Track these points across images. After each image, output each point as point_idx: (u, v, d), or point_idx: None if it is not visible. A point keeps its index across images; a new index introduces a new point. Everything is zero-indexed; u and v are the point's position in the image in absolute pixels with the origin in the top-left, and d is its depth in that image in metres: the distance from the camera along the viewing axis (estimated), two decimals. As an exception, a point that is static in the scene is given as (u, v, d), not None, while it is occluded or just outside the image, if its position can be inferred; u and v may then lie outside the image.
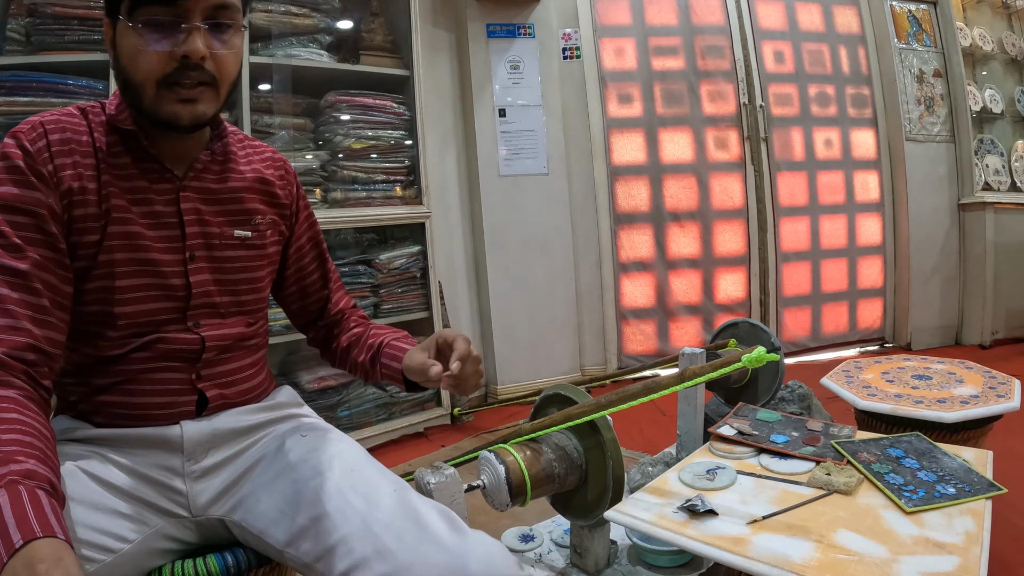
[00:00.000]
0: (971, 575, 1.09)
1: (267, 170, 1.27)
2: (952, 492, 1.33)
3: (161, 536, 1.05)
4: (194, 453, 1.10)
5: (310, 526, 1.02)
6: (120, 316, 1.07)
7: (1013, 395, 1.84)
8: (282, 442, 1.16)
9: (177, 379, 1.12)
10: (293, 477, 1.09)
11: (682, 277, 4.04)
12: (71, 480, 0.97)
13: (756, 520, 1.24)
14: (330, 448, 1.14)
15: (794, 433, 1.57)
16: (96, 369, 1.10)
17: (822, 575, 1.08)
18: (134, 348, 1.09)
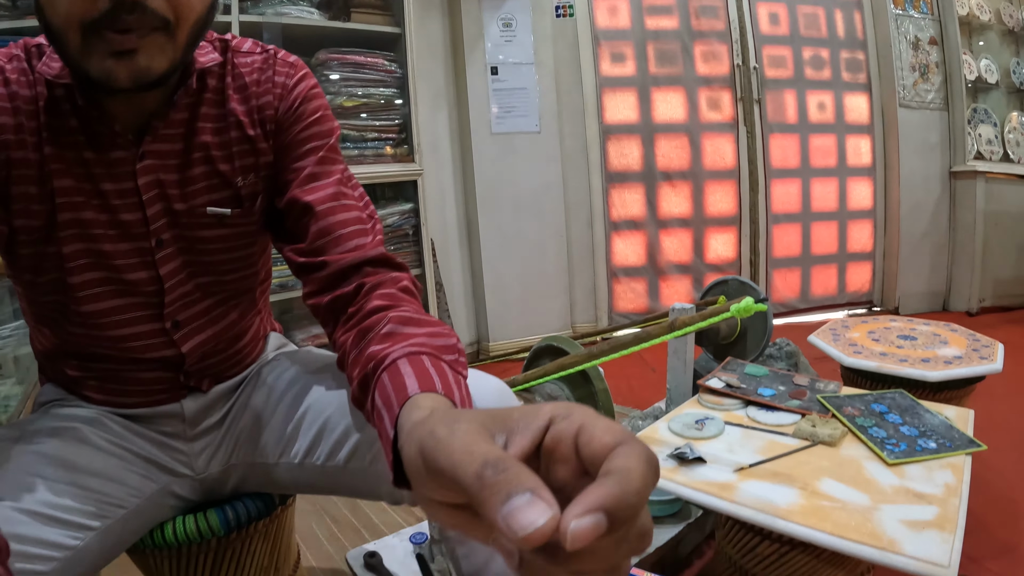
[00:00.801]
0: (950, 524, 1.12)
1: (257, 109, 0.97)
2: (933, 446, 1.36)
3: (166, 493, 1.03)
4: (195, 420, 1.06)
5: (295, 428, 1.02)
6: (81, 315, 0.91)
7: (996, 358, 1.88)
8: (266, 378, 1.10)
9: (162, 380, 1.02)
10: (279, 402, 1.06)
11: (673, 236, 4.05)
12: (80, 436, 0.93)
13: (743, 468, 1.27)
14: (309, 364, 1.10)
15: (781, 387, 1.61)
16: (70, 362, 0.99)
17: (806, 519, 1.12)
18: (105, 350, 0.96)
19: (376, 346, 0.79)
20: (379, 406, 0.70)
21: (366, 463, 0.96)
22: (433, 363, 0.73)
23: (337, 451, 0.98)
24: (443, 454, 0.42)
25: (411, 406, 0.64)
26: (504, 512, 0.35)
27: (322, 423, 1.00)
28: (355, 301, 0.89)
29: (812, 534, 1.10)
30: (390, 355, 0.75)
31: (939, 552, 1.06)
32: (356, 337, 0.84)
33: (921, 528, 1.11)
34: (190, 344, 0.99)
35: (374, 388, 0.74)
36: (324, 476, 1.01)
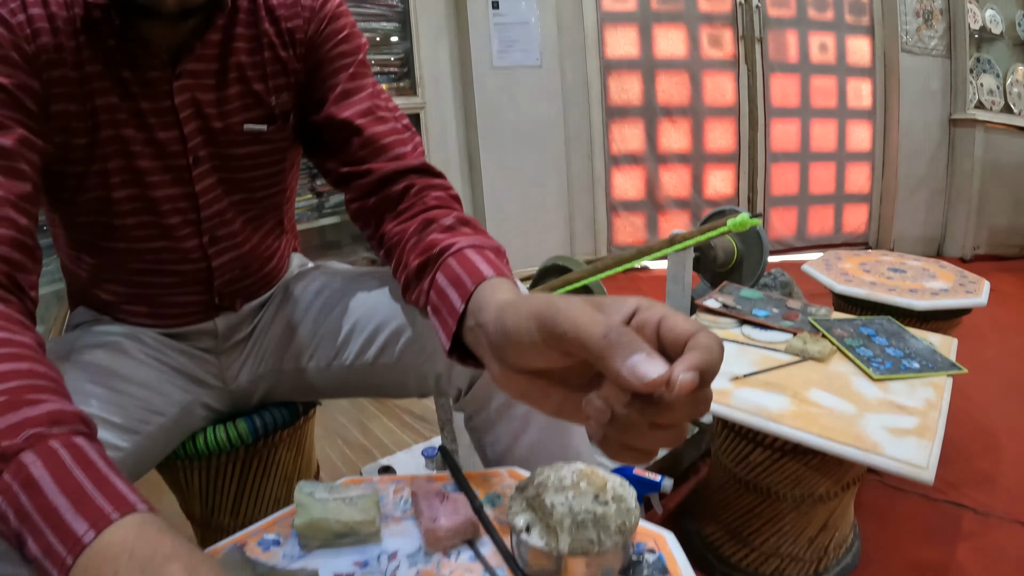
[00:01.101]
0: (930, 432, 1.20)
1: (288, 31, 0.97)
2: (916, 366, 1.43)
3: (199, 404, 1.06)
4: (226, 336, 1.09)
5: (323, 333, 1.07)
6: (121, 231, 0.93)
7: (982, 293, 1.94)
8: (292, 290, 1.13)
9: (197, 302, 1.04)
10: (306, 311, 1.09)
11: (672, 172, 4.08)
12: (120, 348, 0.96)
13: (738, 377, 1.34)
14: (334, 275, 1.13)
15: (774, 310, 1.67)
16: (106, 286, 1.00)
17: (796, 423, 1.19)
18: (143, 269, 0.98)
19: (439, 235, 0.82)
20: (442, 284, 0.74)
21: (395, 357, 1.01)
22: (499, 259, 0.77)
23: (366, 349, 1.03)
24: (566, 320, 0.48)
25: (493, 287, 0.68)
26: (629, 364, 0.44)
27: (351, 325, 1.04)
28: (406, 199, 0.91)
29: (802, 435, 1.17)
30: (456, 243, 0.78)
31: (919, 455, 1.13)
32: (418, 226, 0.86)
33: (902, 435, 1.18)
34: (222, 260, 1.01)
35: (436, 270, 0.77)
36: (352, 375, 1.06)
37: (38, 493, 0.51)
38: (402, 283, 0.87)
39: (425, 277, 0.80)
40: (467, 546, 0.79)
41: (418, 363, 1.00)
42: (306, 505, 0.79)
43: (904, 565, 1.60)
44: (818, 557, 1.50)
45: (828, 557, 1.51)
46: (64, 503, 0.50)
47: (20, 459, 0.52)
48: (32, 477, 0.51)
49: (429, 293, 0.78)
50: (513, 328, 0.55)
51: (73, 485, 0.51)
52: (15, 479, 0.52)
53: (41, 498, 0.50)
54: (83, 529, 0.49)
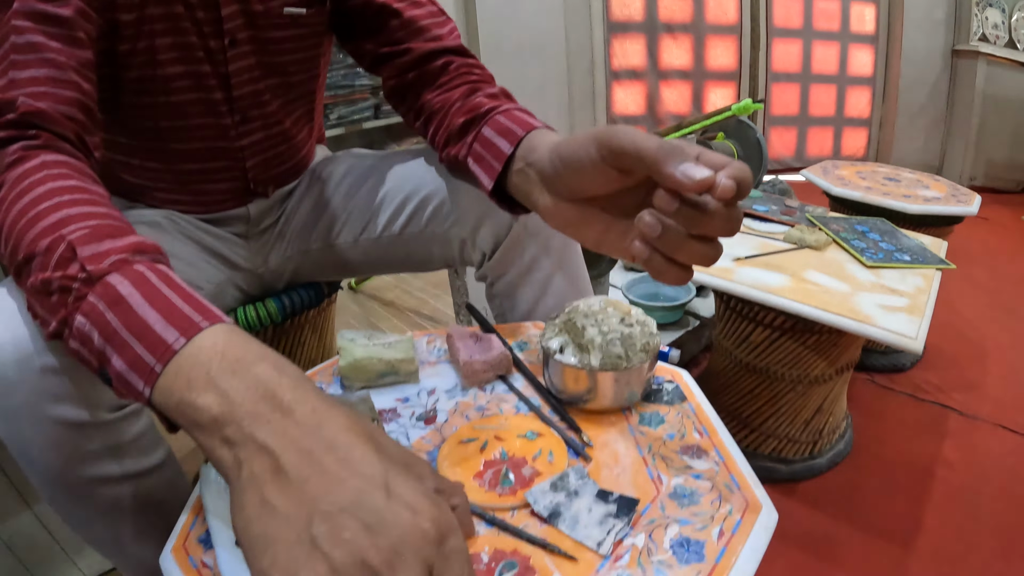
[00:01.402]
0: (919, 311, 1.27)
1: None
2: (907, 259, 1.49)
3: (230, 284, 1.10)
4: (257, 221, 1.13)
5: (350, 209, 1.11)
6: (161, 109, 0.93)
7: (973, 203, 1.99)
8: (320, 173, 1.17)
9: (231, 189, 1.06)
10: (334, 191, 1.13)
11: (673, 88, 4.08)
12: (159, 226, 0.99)
13: (740, 258, 1.41)
14: (361, 157, 1.17)
15: (773, 207, 1.73)
16: (137, 169, 1.00)
17: (795, 297, 1.26)
18: (178, 149, 0.98)
19: (486, 99, 0.87)
20: (488, 136, 0.80)
21: (422, 225, 1.05)
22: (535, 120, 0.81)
23: (394, 220, 1.07)
24: (625, 136, 0.56)
25: (543, 134, 0.74)
26: (681, 168, 0.50)
27: (379, 198, 1.08)
28: (446, 74, 0.95)
29: (800, 307, 1.24)
30: (502, 104, 0.84)
31: (909, 327, 1.20)
32: (464, 92, 0.90)
33: (894, 311, 1.25)
34: (252, 139, 1.02)
35: (483, 124, 0.82)
36: (379, 248, 1.10)
37: (126, 309, 0.52)
38: (442, 142, 0.91)
39: (470, 132, 0.85)
40: (501, 380, 0.87)
41: (444, 229, 1.04)
42: (349, 348, 0.85)
43: (893, 456, 1.70)
44: (813, 440, 1.59)
45: (823, 441, 1.61)
46: (153, 315, 0.51)
47: (107, 280, 0.54)
48: (119, 294, 0.53)
49: (472, 145, 0.83)
50: (571, 154, 0.62)
51: (161, 300, 0.52)
52: (102, 299, 0.53)
53: (129, 313, 0.52)
54: (173, 337, 0.50)
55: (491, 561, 0.49)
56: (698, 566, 0.59)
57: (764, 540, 0.62)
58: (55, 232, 0.57)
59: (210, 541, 0.63)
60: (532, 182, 0.70)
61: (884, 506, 1.53)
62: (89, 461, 0.71)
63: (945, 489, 1.58)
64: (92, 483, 0.73)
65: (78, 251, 0.55)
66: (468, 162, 0.84)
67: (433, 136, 0.94)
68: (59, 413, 0.66)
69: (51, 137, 0.70)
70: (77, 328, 0.54)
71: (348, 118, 3.04)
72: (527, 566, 0.50)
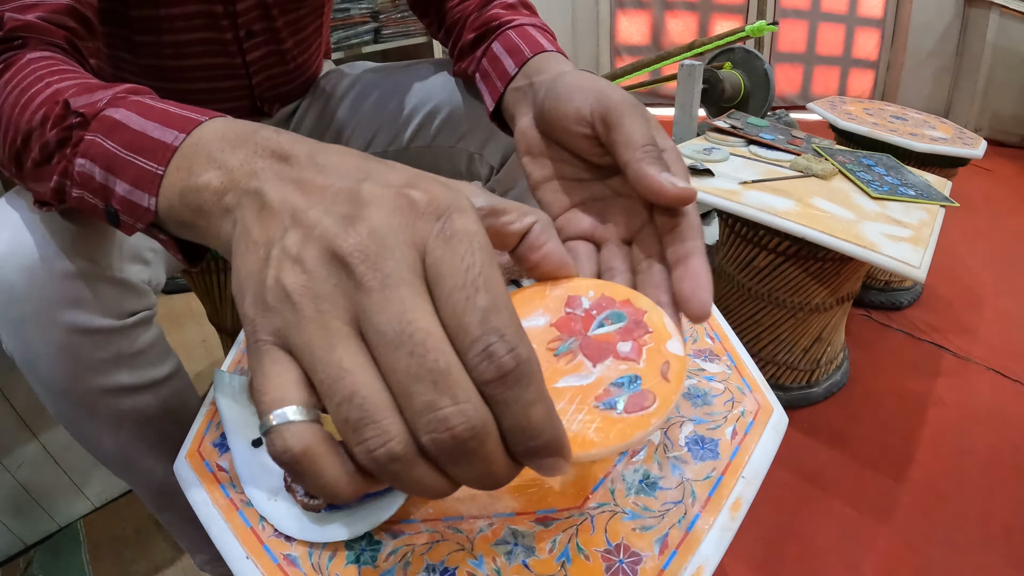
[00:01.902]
0: (923, 242, 1.26)
1: None
2: (912, 193, 1.48)
3: None
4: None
5: (355, 124, 1.08)
6: (156, 22, 0.89)
7: (979, 147, 1.97)
8: (323, 87, 1.14)
9: (238, 109, 1.03)
10: (337, 106, 1.10)
11: (679, 19, 3.99)
12: None
13: (747, 182, 1.39)
14: (365, 70, 1.13)
15: (780, 136, 1.71)
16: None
17: (801, 220, 1.25)
18: (181, 65, 0.95)
19: (500, 10, 0.83)
20: (497, 52, 0.76)
21: (429, 139, 1.03)
22: (555, 42, 0.77)
23: (401, 134, 1.04)
24: (625, 120, 0.48)
25: (555, 58, 0.70)
26: (664, 175, 0.45)
27: (385, 112, 1.05)
28: None
29: (806, 231, 1.23)
30: (517, 19, 0.80)
31: (912, 256, 1.20)
32: (478, 4, 0.86)
33: (898, 240, 1.24)
34: (257, 54, 0.99)
35: (494, 39, 0.79)
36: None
37: (123, 130, 0.48)
38: (455, 56, 0.89)
39: (480, 46, 0.82)
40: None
41: (452, 143, 1.02)
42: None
43: (888, 390, 1.71)
44: (811, 368, 1.60)
45: (820, 370, 1.61)
46: (151, 125, 0.47)
47: (103, 114, 0.50)
48: (116, 120, 0.49)
49: (481, 61, 0.80)
50: (567, 91, 0.54)
51: (159, 112, 0.48)
52: (99, 132, 0.50)
53: (127, 132, 0.48)
54: (172, 136, 0.45)
55: (592, 308, 0.42)
56: (713, 463, 0.59)
57: (775, 441, 0.62)
58: (47, 103, 0.54)
59: (225, 445, 0.63)
60: (524, 100, 0.65)
61: (876, 438, 1.55)
62: (98, 370, 0.70)
63: (936, 426, 1.60)
64: (101, 394, 0.72)
65: (72, 103, 0.52)
66: (476, 78, 0.81)
67: (452, 49, 0.91)
68: (69, 319, 0.64)
69: (37, 42, 0.65)
70: (77, 172, 0.51)
71: (347, 42, 2.98)
72: (638, 322, 0.41)
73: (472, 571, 0.51)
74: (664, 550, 0.52)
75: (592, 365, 0.39)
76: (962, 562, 1.25)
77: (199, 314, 1.96)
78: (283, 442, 0.31)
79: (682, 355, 0.38)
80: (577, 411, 0.36)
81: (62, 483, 1.34)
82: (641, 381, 0.37)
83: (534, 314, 0.42)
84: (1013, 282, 2.27)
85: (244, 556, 0.53)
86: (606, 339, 0.40)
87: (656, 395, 0.36)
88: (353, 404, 0.30)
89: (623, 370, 0.38)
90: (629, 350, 0.39)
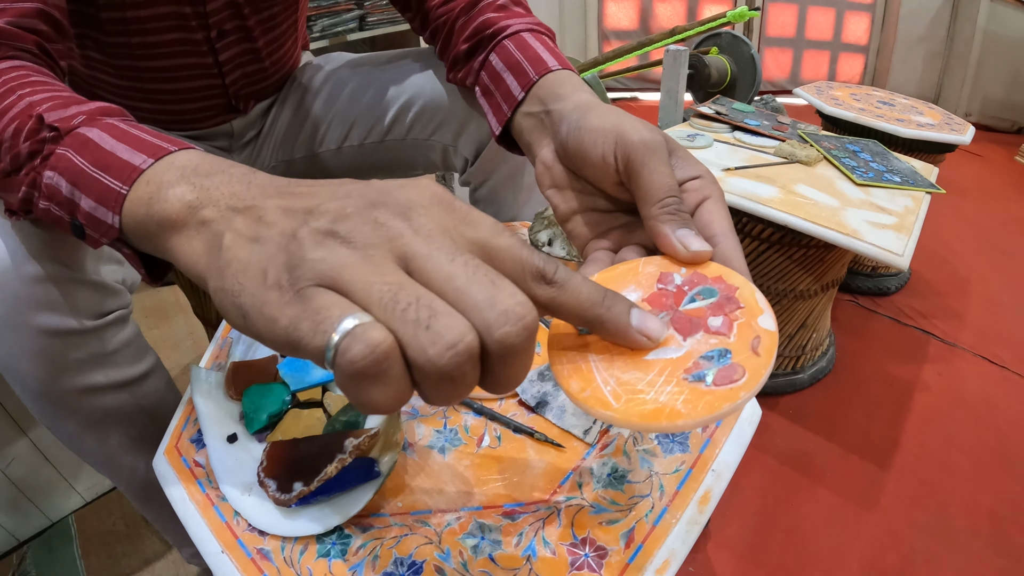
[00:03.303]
0: (907, 230, 1.26)
1: None
2: (897, 180, 1.48)
3: None
4: (240, 135, 1.11)
5: (331, 117, 1.08)
6: (125, 23, 0.88)
7: (966, 133, 1.97)
8: (300, 79, 1.14)
9: (212, 107, 1.03)
10: (314, 98, 1.10)
11: (667, 4, 3.95)
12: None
13: (729, 169, 1.39)
14: (342, 62, 1.13)
15: (765, 121, 1.71)
16: (115, 92, 0.96)
17: (784, 208, 1.25)
18: (154, 66, 0.94)
19: (492, 14, 0.80)
20: (497, 68, 0.74)
21: (404, 131, 1.04)
22: (554, 44, 0.76)
23: (376, 127, 1.05)
24: (645, 169, 0.48)
25: (566, 80, 0.66)
26: (680, 234, 0.44)
27: (360, 105, 1.05)
28: None
29: (788, 218, 1.23)
30: (511, 25, 0.77)
31: (895, 244, 1.20)
32: (467, 5, 0.84)
33: (881, 228, 1.24)
34: (230, 53, 0.98)
35: (490, 50, 0.77)
36: (363, 157, 1.08)
37: (94, 148, 0.49)
38: (449, 64, 0.87)
39: (476, 56, 0.80)
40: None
41: (426, 135, 1.03)
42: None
43: (874, 376, 1.72)
44: (796, 355, 1.60)
45: (805, 356, 1.62)
46: (122, 147, 0.48)
47: (76, 132, 0.51)
48: (88, 138, 0.50)
49: (480, 73, 0.78)
50: (591, 133, 0.53)
51: (132, 137, 0.49)
52: (70, 147, 0.50)
53: (97, 151, 0.49)
54: (140, 160, 0.46)
55: (684, 284, 0.42)
56: (682, 456, 0.59)
57: (748, 433, 0.62)
58: (21, 116, 0.54)
59: (202, 441, 0.63)
60: (542, 130, 0.63)
61: (862, 424, 1.55)
62: (75, 370, 0.71)
63: (922, 412, 1.60)
64: (79, 393, 0.73)
65: (46, 118, 0.52)
66: (476, 92, 0.79)
67: (441, 53, 0.90)
68: (42, 322, 0.65)
69: (7, 49, 0.64)
70: (45, 184, 0.52)
71: (332, 30, 2.96)
72: (730, 298, 0.41)
73: (439, 564, 0.52)
74: (630, 544, 0.52)
75: (682, 339, 0.39)
76: (948, 548, 1.26)
77: (187, 307, 1.96)
78: (368, 339, 0.30)
79: (773, 330, 0.38)
80: (666, 383, 0.37)
81: (53, 479, 1.34)
82: (731, 355, 0.37)
83: (626, 290, 0.43)
84: (1001, 268, 2.28)
85: (219, 551, 0.54)
86: (697, 314, 0.41)
87: (746, 368, 0.36)
88: (422, 304, 0.31)
89: (713, 344, 0.38)
90: (720, 325, 0.40)
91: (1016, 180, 3.02)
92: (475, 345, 0.31)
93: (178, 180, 0.43)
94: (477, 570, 0.51)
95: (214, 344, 0.80)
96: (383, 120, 1.05)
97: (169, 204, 0.42)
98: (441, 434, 0.65)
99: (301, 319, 0.32)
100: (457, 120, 0.99)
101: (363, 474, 0.56)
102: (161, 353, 0.87)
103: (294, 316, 0.32)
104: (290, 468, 0.57)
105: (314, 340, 0.31)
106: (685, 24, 1.44)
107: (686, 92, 2.12)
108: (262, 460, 0.59)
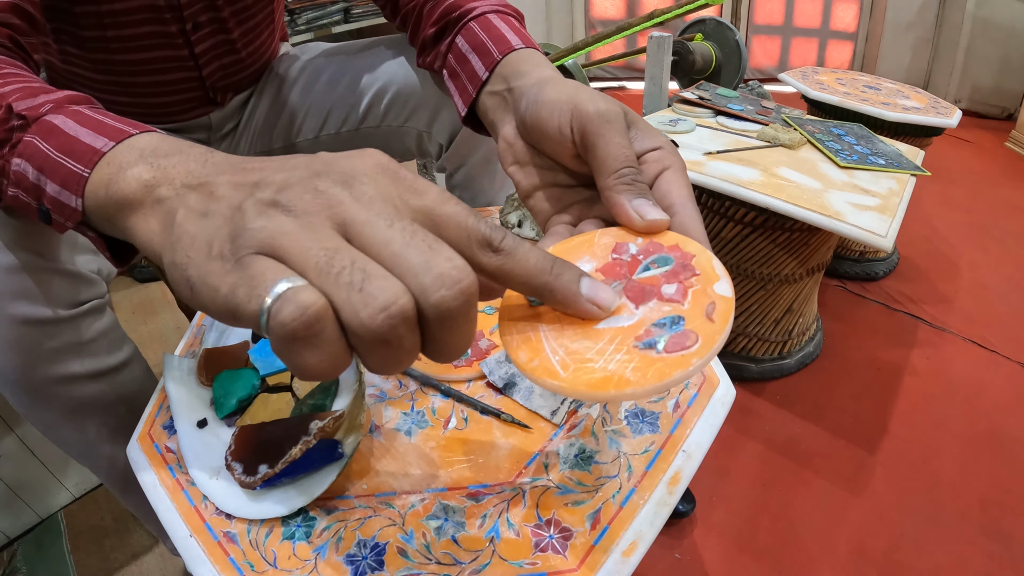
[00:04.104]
0: (890, 211, 1.25)
1: None
2: (882, 163, 1.47)
3: None
4: (219, 127, 1.11)
5: (308, 107, 1.08)
6: (99, 16, 0.87)
7: (953, 116, 1.96)
8: (276, 70, 1.13)
9: (190, 100, 1.03)
10: (291, 89, 1.10)
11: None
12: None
13: (711, 153, 1.39)
14: (317, 52, 1.13)
15: (749, 106, 1.71)
16: (85, 80, 0.96)
17: (764, 190, 1.24)
18: (131, 59, 0.93)
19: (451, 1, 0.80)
20: (463, 50, 0.73)
21: (378, 119, 1.03)
22: (521, 26, 0.75)
23: (351, 116, 1.05)
24: (601, 140, 0.47)
25: (528, 58, 0.66)
26: (635, 204, 0.44)
27: (335, 94, 1.05)
28: None
29: (769, 200, 1.22)
30: (477, 7, 0.77)
31: (879, 225, 1.19)
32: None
33: (864, 209, 1.24)
34: (205, 45, 0.98)
35: (456, 33, 0.76)
36: (339, 146, 1.08)
37: (59, 135, 0.49)
38: (419, 48, 0.87)
39: (443, 40, 0.80)
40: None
41: (400, 122, 1.03)
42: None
43: (862, 361, 1.72)
44: (783, 340, 1.60)
45: (792, 342, 1.61)
46: (84, 132, 0.48)
47: (43, 119, 0.51)
48: (54, 125, 0.50)
49: (447, 56, 0.78)
50: (547, 106, 0.53)
51: (95, 122, 0.49)
52: (37, 134, 0.50)
53: (62, 136, 0.49)
54: (101, 143, 0.46)
55: (639, 253, 0.42)
56: (652, 437, 0.59)
57: (720, 415, 0.62)
58: None
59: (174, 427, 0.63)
60: (504, 107, 0.63)
61: (850, 409, 1.55)
62: (51, 360, 0.71)
63: (911, 396, 1.60)
64: (56, 383, 0.73)
65: (14, 107, 0.52)
66: (443, 75, 0.79)
67: (411, 39, 0.90)
68: (16, 311, 0.65)
69: None
70: (13, 172, 0.52)
71: (317, 22, 2.96)
72: (685, 265, 0.40)
73: (402, 546, 0.51)
74: (596, 525, 0.52)
75: (635, 307, 0.39)
76: (937, 532, 1.26)
77: (173, 302, 1.96)
78: (298, 301, 0.30)
79: (730, 296, 0.38)
80: (616, 351, 0.36)
81: (41, 475, 1.34)
82: (684, 322, 0.37)
83: (581, 261, 0.43)
84: (989, 252, 2.28)
85: (188, 535, 0.54)
86: (651, 282, 0.40)
87: (700, 335, 0.36)
88: (356, 268, 0.31)
89: (666, 311, 0.38)
90: (674, 292, 0.39)
91: (1005, 166, 3.02)
92: (409, 308, 0.31)
93: (137, 161, 0.44)
94: (440, 551, 0.51)
95: (189, 332, 0.80)
96: (358, 108, 1.04)
97: (127, 184, 0.43)
98: (408, 416, 0.65)
99: (238, 286, 0.32)
100: (430, 106, 0.99)
101: (327, 456, 0.56)
102: (148, 347, 0.87)
103: (232, 283, 0.33)
104: (256, 451, 0.57)
105: (249, 305, 0.32)
106: (664, 7, 1.43)
107: (671, 79, 2.12)
108: (230, 444, 0.59)
